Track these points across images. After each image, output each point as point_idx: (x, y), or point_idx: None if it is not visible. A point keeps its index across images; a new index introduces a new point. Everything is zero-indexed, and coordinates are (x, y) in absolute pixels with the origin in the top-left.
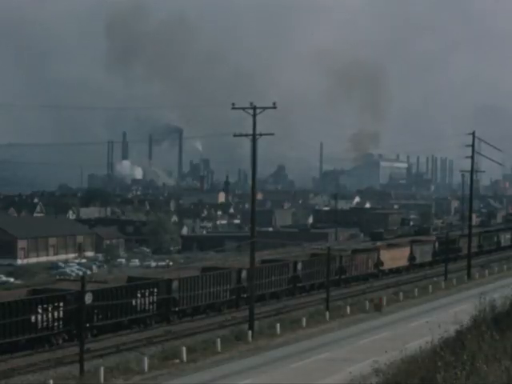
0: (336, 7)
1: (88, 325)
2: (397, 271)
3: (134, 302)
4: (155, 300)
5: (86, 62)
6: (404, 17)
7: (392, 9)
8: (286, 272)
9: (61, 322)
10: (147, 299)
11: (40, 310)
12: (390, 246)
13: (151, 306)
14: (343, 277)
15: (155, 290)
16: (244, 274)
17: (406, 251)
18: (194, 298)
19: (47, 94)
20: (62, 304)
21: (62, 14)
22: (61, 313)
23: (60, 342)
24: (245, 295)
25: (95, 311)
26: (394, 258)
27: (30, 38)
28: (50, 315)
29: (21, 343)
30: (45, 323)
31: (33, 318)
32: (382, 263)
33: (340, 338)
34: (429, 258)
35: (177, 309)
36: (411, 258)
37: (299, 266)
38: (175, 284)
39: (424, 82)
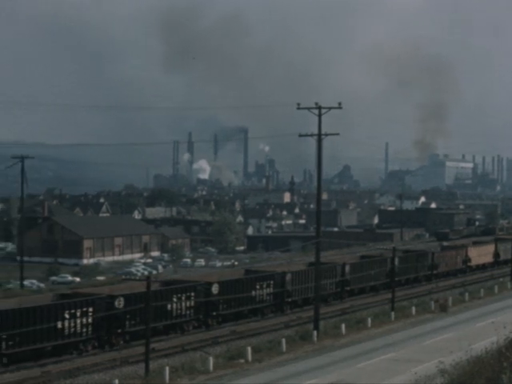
0: (395, 6)
1: (214, 313)
2: (483, 267)
3: (253, 293)
4: (272, 291)
5: (147, 63)
6: (464, 15)
7: (452, 7)
8: (384, 266)
9: (192, 311)
10: (264, 291)
11: (175, 299)
12: (477, 243)
13: (268, 297)
14: (435, 272)
15: (272, 282)
16: (348, 268)
17: (491, 248)
18: (304, 290)
19: (111, 95)
20: (193, 294)
21: (122, 15)
22: (192, 302)
23: (190, 328)
24: (348, 288)
25: (220, 301)
26: (481, 254)
27: (91, 40)
28: (183, 304)
29: (158, 329)
30: (178, 311)
31: (168, 306)
32: (469, 259)
33: (405, 338)
34: None
35: (290, 300)
36: (496, 254)
37: (396, 262)
38: (289, 277)
39: (489, 80)
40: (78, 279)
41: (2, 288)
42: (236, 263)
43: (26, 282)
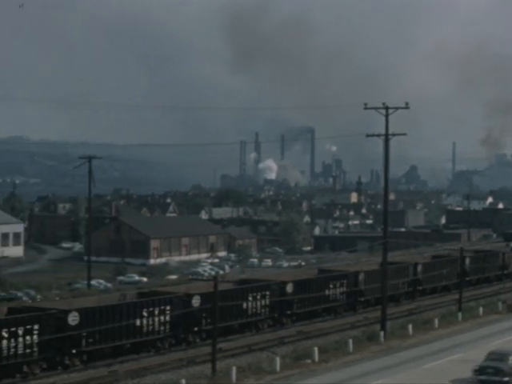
0: (461, 5)
1: (289, 312)
2: None
3: (326, 292)
4: (345, 291)
5: (215, 63)
6: None
7: None
8: (456, 266)
9: (267, 310)
10: (338, 290)
11: (250, 298)
12: None
13: (341, 296)
14: (505, 272)
15: (345, 281)
16: (420, 267)
17: None
18: (377, 289)
19: (178, 95)
20: (268, 293)
21: (190, 16)
22: (267, 301)
23: (265, 327)
24: (420, 287)
25: (295, 300)
26: None
27: (158, 41)
28: (258, 303)
29: (233, 328)
30: (253, 310)
31: (244, 305)
32: None
33: (472, 339)
34: None
35: (362, 299)
36: None
37: (467, 262)
38: (362, 276)
39: None
40: (145, 279)
41: (69, 287)
42: (303, 263)
43: (93, 282)
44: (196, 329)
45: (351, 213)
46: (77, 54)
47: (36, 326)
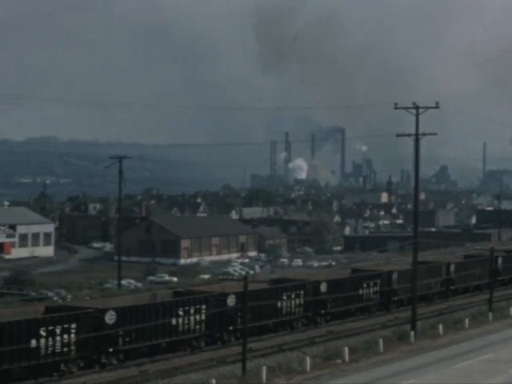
0: (491, 5)
1: (323, 311)
2: None
3: (360, 292)
4: (378, 290)
5: (244, 63)
6: None
7: None
8: (487, 266)
9: (301, 309)
10: (371, 289)
11: (284, 298)
12: None
13: (375, 296)
14: None
15: (378, 281)
16: (453, 267)
17: None
18: (410, 288)
19: (208, 96)
20: (302, 292)
21: (219, 16)
22: (301, 300)
23: (299, 326)
24: (453, 287)
25: (328, 299)
26: None
27: (188, 41)
28: (292, 302)
29: (268, 327)
30: (288, 309)
31: (278, 304)
32: None
33: (503, 339)
34: None
35: (396, 298)
36: None
37: (499, 261)
38: (395, 276)
39: None
40: (175, 279)
41: (100, 287)
42: (333, 263)
43: (123, 282)
44: (231, 328)
45: (381, 213)
46: (107, 55)
47: (73, 325)
